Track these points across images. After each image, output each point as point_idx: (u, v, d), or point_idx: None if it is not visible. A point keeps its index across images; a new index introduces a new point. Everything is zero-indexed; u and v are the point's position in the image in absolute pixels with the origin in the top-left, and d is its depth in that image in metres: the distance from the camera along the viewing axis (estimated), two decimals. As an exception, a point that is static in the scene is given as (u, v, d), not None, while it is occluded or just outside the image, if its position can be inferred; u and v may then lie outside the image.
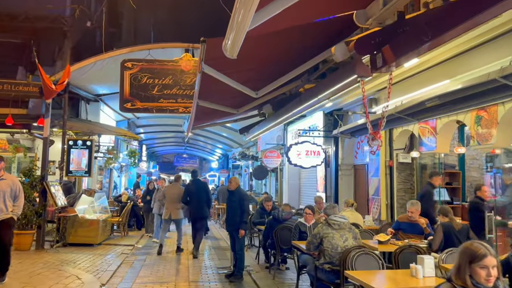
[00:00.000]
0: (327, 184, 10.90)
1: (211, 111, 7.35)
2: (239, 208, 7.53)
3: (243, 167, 24.20)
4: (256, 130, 9.47)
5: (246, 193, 7.78)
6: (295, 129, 13.11)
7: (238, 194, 7.64)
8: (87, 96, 13.86)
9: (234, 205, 7.63)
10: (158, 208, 11.04)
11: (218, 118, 8.48)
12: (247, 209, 7.52)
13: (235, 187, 7.69)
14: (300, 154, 10.52)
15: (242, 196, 7.57)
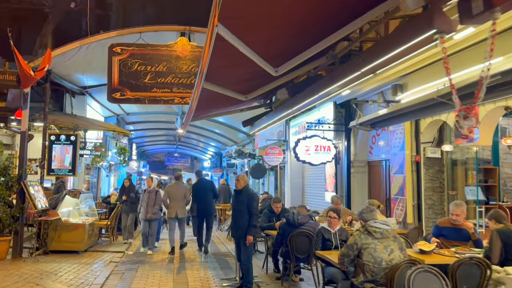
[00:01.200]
0: (337, 183, 9.81)
1: (214, 98, 6.20)
2: (247, 210, 6.40)
3: (239, 166, 23.03)
4: (263, 122, 8.35)
5: (255, 193, 6.64)
6: (300, 123, 12.01)
7: (246, 194, 6.51)
8: (72, 88, 12.58)
9: (241, 207, 6.50)
10: (144, 213, 9.34)
11: (221, 107, 7.33)
12: (256, 211, 6.39)
13: (242, 186, 6.55)
14: (309, 150, 9.41)
15: (250, 197, 6.44)
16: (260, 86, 5.92)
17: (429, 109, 6.53)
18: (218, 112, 8.05)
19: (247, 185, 6.64)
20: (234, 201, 6.74)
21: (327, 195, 10.33)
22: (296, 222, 6.34)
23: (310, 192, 12.33)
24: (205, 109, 7.26)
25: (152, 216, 9.39)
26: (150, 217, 9.35)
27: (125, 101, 9.08)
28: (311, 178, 12.31)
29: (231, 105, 7.53)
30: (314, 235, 6.26)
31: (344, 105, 9.77)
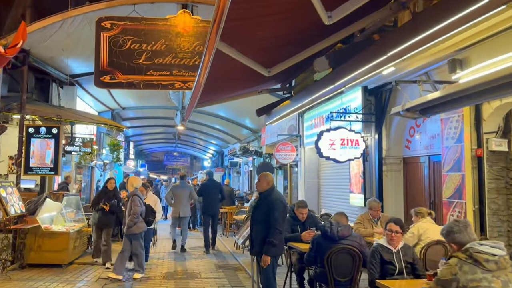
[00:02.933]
0: (366, 183, 8.24)
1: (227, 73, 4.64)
2: (266, 222, 4.85)
3: (242, 165, 21.44)
4: (284, 109, 6.79)
5: (280, 199, 5.04)
6: (317, 115, 10.45)
7: (267, 199, 4.95)
8: (59, 76, 10.96)
9: (260, 216, 4.96)
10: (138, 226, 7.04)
11: (234, 88, 5.75)
12: (277, 224, 4.82)
13: (264, 188, 4.99)
14: (334, 144, 7.84)
15: (271, 204, 4.88)
16: (293, 52, 4.37)
17: (499, 90, 4.98)
18: (230, 96, 6.45)
19: (272, 187, 5.06)
20: (254, 207, 5.17)
21: (353, 198, 8.77)
22: (336, 235, 4.77)
23: (328, 193, 10.75)
24: (215, 90, 5.67)
25: (127, 230, 6.86)
26: (126, 231, 6.92)
27: (115, 85, 7.49)
28: (329, 177, 10.73)
29: (247, 84, 5.97)
30: (358, 252, 4.72)
31: (374, 92, 8.20)
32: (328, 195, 10.73)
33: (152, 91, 13.34)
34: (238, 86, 5.67)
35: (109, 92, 13.07)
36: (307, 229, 6.04)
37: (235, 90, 5.91)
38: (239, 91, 5.94)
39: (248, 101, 14.57)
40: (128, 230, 6.87)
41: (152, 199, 8.04)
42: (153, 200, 8.05)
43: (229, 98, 6.55)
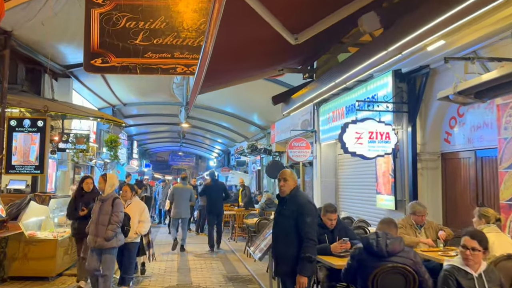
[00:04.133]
0: (396, 182, 7.09)
1: (243, 37, 3.52)
2: (295, 231, 3.72)
3: (250, 164, 20.30)
4: (304, 96, 5.65)
5: (308, 199, 3.91)
6: (335, 108, 9.29)
7: (293, 203, 3.82)
8: (52, 67, 9.87)
9: (285, 224, 3.82)
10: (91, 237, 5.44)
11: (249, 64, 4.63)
12: (311, 234, 3.70)
13: (289, 190, 3.85)
14: (361, 138, 6.69)
15: (301, 208, 3.76)
16: (325, 13, 3.25)
17: None
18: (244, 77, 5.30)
19: (297, 187, 3.93)
20: (276, 214, 4.03)
21: (380, 199, 7.62)
22: (384, 251, 3.63)
23: (349, 194, 9.58)
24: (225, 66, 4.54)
25: (103, 243, 5.25)
26: (99, 244, 5.25)
27: (108, 70, 6.38)
28: (350, 176, 9.56)
29: (265, 60, 4.85)
30: (413, 272, 3.59)
31: (406, 78, 7.05)
32: (348, 196, 9.57)
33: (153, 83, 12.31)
34: (254, 61, 4.55)
35: (107, 85, 12.01)
36: (336, 239, 4.92)
37: (250, 68, 4.78)
38: (255, 69, 4.81)
39: (256, 95, 13.51)
40: (106, 244, 5.23)
41: (137, 207, 6.21)
42: (139, 208, 6.22)
43: (242, 79, 5.40)
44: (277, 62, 5.24)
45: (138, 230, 6.04)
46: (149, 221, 6.38)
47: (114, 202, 5.32)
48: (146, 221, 6.22)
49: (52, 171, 10.47)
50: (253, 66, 5.04)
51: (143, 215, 6.21)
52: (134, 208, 6.12)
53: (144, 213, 6.23)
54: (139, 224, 6.09)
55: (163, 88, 13.05)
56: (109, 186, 5.39)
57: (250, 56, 4.22)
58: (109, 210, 5.30)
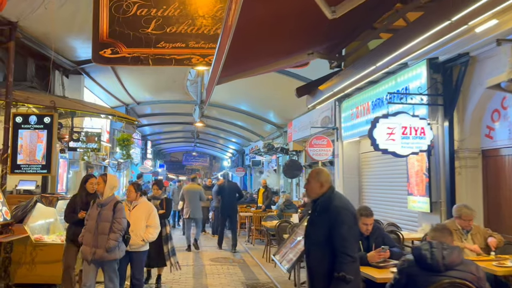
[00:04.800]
0: (431, 182, 6.43)
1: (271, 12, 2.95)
2: (328, 244, 3.10)
3: (265, 163, 19.72)
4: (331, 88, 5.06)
5: (345, 204, 3.26)
6: (359, 103, 8.66)
7: (326, 208, 3.20)
8: (63, 63, 9.47)
9: (318, 234, 3.19)
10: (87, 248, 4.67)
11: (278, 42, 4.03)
12: (348, 246, 3.05)
13: (319, 192, 3.26)
14: (393, 134, 6.06)
15: (335, 215, 3.13)
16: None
17: None
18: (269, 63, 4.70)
19: (331, 189, 3.32)
20: (309, 222, 3.42)
21: (412, 201, 6.96)
22: (440, 264, 3.02)
23: (375, 195, 8.93)
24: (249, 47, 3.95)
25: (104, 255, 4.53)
26: (100, 256, 4.53)
27: (118, 61, 5.87)
28: (376, 176, 8.90)
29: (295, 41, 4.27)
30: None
31: (441, 68, 6.39)
32: (374, 198, 8.92)
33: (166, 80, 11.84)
34: (281, 41, 3.97)
35: (120, 82, 11.57)
36: (373, 246, 4.32)
37: (276, 51, 4.20)
38: (281, 52, 4.22)
39: (272, 91, 12.92)
40: (107, 255, 4.53)
41: (144, 209, 5.39)
42: (147, 210, 5.38)
43: (266, 66, 4.79)
44: (306, 44, 4.65)
45: (146, 236, 5.21)
46: (158, 226, 5.42)
47: (115, 207, 4.57)
48: (154, 226, 5.33)
49: (63, 171, 10.06)
50: (279, 49, 4.43)
51: (151, 219, 5.34)
52: (140, 210, 5.34)
53: (152, 216, 5.36)
54: (147, 229, 5.26)
55: (177, 85, 12.57)
56: (110, 188, 4.65)
57: (277, 35, 3.64)
58: (109, 216, 4.53)
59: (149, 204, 5.53)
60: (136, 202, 5.39)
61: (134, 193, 5.37)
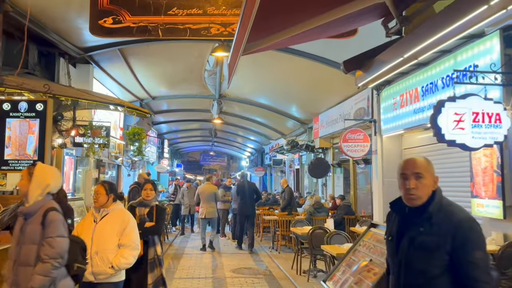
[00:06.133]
0: (505, 182, 5.13)
1: None
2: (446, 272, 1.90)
3: (287, 162, 18.48)
4: (397, 54, 3.82)
5: (471, 217, 2.01)
6: (403, 91, 7.34)
7: (445, 221, 1.95)
8: (69, 50, 8.45)
9: (427, 259, 1.94)
10: None
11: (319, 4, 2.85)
12: (484, 274, 1.85)
13: (426, 196, 2.03)
14: (462, 121, 4.78)
15: (461, 232, 1.89)
16: None
17: None
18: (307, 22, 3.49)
19: (439, 191, 2.09)
20: (395, 234, 2.16)
21: (478, 205, 5.64)
22: None
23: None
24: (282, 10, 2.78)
25: None
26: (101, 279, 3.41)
27: (121, 32, 4.75)
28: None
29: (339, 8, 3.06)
30: None
31: (519, 40, 5.08)
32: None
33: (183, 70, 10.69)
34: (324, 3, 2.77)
35: (131, 72, 10.51)
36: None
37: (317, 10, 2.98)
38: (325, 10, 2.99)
39: (296, 82, 11.64)
40: None
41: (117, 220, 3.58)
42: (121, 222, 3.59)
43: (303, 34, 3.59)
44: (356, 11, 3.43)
45: (116, 262, 3.40)
46: (137, 246, 3.59)
47: (45, 219, 2.76)
48: (130, 246, 3.50)
49: (69, 169, 9.04)
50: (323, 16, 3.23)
51: (126, 235, 3.52)
52: (111, 222, 3.54)
53: (128, 231, 3.53)
54: (119, 251, 3.46)
55: (194, 76, 11.46)
56: (37, 186, 2.84)
57: None
58: (36, 234, 2.76)
59: (124, 214, 3.69)
60: (107, 209, 3.60)
61: (104, 196, 3.57)
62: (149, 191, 4.56)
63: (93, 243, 3.40)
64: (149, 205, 4.55)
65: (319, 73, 9.59)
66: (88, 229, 3.50)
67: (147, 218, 4.43)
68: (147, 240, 4.28)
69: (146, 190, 4.56)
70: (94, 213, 3.62)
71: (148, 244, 4.30)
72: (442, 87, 6.19)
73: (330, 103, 11.25)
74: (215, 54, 8.41)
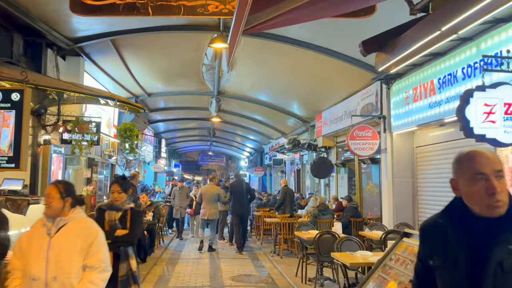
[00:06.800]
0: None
1: None
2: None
3: (288, 162, 17.89)
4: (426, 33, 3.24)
5: None
6: (417, 83, 6.75)
7: None
8: (57, 40, 7.83)
9: None
10: None
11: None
12: None
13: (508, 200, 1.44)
14: (493, 113, 4.22)
15: None
16: None
17: None
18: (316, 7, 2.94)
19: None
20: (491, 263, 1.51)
21: (506, 208, 5.06)
22: None
23: (437, 202, 6.99)
24: None
25: None
26: None
27: (105, 10, 4.13)
28: (438, 175, 6.97)
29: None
30: None
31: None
32: (435, 205, 7.00)
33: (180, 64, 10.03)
34: None
35: (125, 65, 9.90)
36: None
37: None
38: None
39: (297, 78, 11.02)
40: None
41: (81, 232, 2.67)
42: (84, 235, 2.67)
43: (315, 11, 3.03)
44: None
45: None
46: (107, 267, 2.68)
47: None
48: (99, 267, 2.62)
49: (57, 168, 8.39)
50: None
51: (93, 254, 2.63)
52: (72, 235, 2.63)
53: (95, 248, 2.64)
54: (86, 274, 2.59)
55: (191, 71, 10.86)
56: None
57: None
58: None
59: (88, 224, 2.76)
60: (65, 219, 2.65)
61: (58, 201, 2.63)
62: (117, 194, 3.61)
63: (49, 264, 2.49)
64: (122, 208, 3.62)
65: (322, 67, 9.01)
66: (40, 245, 2.56)
67: (118, 224, 3.54)
68: (117, 252, 3.42)
69: (114, 193, 3.62)
70: (46, 222, 2.63)
71: (120, 258, 3.43)
72: (462, 78, 5.62)
73: (335, 99, 10.67)
74: (213, 45, 7.82)
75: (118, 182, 3.69)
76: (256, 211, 12.12)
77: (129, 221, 3.58)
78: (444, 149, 6.80)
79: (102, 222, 3.39)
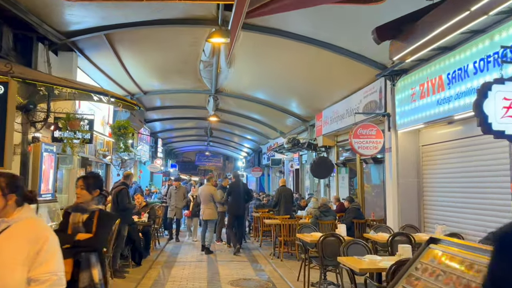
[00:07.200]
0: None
1: None
2: None
3: (286, 162, 17.58)
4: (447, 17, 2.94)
5: None
6: (424, 79, 6.46)
7: None
8: (49, 34, 7.48)
9: None
10: None
11: None
12: None
13: None
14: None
15: None
16: None
17: None
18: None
19: None
20: None
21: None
22: None
23: (444, 202, 6.70)
24: None
25: None
26: None
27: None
28: (445, 174, 6.68)
29: None
30: None
31: None
32: (442, 205, 6.71)
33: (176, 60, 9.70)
34: None
35: (119, 61, 9.56)
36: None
37: None
38: None
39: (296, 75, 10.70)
40: None
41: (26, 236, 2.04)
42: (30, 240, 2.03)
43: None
44: None
45: None
46: (61, 281, 2.03)
47: None
48: (49, 281, 1.99)
49: (48, 167, 8.06)
50: None
51: (41, 264, 2.01)
52: (15, 240, 2.03)
53: (44, 256, 2.02)
54: None
55: (188, 68, 10.53)
56: None
57: None
58: None
59: (37, 227, 2.14)
60: (7, 220, 2.09)
61: None
62: (79, 190, 3.19)
63: None
64: (88, 209, 3.17)
65: (324, 64, 8.71)
66: None
67: (82, 228, 3.09)
68: (78, 259, 2.96)
69: (77, 188, 3.22)
70: None
71: (80, 266, 2.95)
72: (474, 72, 5.33)
73: (336, 97, 10.37)
74: (211, 40, 7.51)
75: (84, 178, 3.30)
76: (255, 212, 11.82)
77: (95, 224, 3.12)
78: (451, 148, 6.53)
79: (66, 226, 3.02)
